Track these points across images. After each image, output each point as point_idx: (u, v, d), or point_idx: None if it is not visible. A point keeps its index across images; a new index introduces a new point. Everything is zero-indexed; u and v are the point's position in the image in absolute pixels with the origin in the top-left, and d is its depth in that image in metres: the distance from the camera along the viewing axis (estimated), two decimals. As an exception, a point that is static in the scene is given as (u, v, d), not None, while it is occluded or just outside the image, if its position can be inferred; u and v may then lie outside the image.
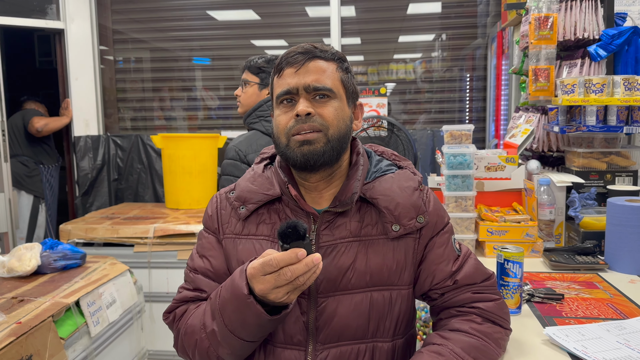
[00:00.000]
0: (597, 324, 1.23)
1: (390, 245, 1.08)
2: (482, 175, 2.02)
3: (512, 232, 1.82)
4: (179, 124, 4.23)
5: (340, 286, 1.06)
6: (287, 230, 0.88)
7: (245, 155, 1.99)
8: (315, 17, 4.01)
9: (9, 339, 1.62)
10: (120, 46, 4.21)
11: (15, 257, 2.21)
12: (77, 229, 3.13)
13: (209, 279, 1.13)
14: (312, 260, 0.87)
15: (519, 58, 2.50)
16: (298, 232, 0.88)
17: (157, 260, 3.04)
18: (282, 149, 1.07)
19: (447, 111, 4.02)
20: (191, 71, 4.19)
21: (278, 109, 1.09)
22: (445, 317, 1.12)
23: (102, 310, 2.18)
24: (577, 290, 1.49)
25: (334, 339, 1.06)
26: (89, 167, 3.95)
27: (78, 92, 3.96)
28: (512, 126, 2.54)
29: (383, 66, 4.04)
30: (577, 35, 2.08)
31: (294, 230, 0.88)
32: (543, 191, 1.90)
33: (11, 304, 1.90)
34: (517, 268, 1.31)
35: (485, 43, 3.88)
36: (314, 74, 1.05)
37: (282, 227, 0.88)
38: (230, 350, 1.01)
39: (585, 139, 2.06)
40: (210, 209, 1.19)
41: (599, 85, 1.89)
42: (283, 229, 0.88)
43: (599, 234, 1.78)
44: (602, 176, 1.99)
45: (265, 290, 0.90)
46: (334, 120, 1.05)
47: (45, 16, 3.88)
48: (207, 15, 4.08)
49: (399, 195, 1.09)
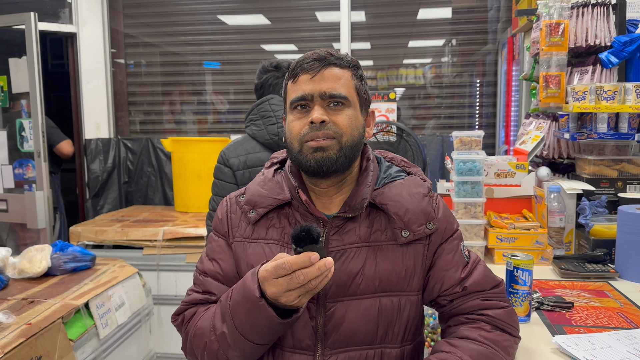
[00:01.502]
0: (607, 333, 1.22)
1: (400, 251, 1.08)
2: (491, 181, 2.01)
3: (522, 239, 1.81)
4: (189, 127, 4.26)
5: (349, 291, 1.06)
6: (301, 233, 0.88)
7: (228, 159, 2.01)
8: (326, 22, 4.02)
9: (19, 339, 1.64)
10: (131, 50, 4.25)
11: (26, 258, 2.23)
12: (87, 231, 3.16)
13: (219, 282, 1.13)
14: (324, 264, 0.88)
15: (530, 64, 2.49)
16: (312, 236, 0.88)
17: (166, 263, 3.05)
18: (295, 155, 1.07)
19: (456, 117, 4.01)
20: (201, 75, 4.21)
21: (291, 115, 1.09)
22: (454, 325, 1.12)
23: (111, 312, 2.19)
24: (587, 298, 1.48)
25: (342, 344, 1.06)
26: (99, 169, 3.98)
27: (89, 95, 3.99)
28: (522, 133, 2.53)
29: (392, 71, 4.04)
30: (588, 41, 2.07)
31: (308, 233, 0.88)
32: (553, 198, 1.89)
33: (22, 305, 1.91)
34: (527, 276, 1.30)
35: (496, 49, 3.87)
36: (330, 82, 1.06)
37: (295, 230, 0.89)
38: (240, 353, 1.01)
39: (596, 146, 2.05)
40: (220, 212, 1.19)
41: (611, 92, 1.88)
42: (297, 232, 0.89)
43: (610, 242, 1.77)
44: (613, 184, 1.97)
45: (278, 293, 0.90)
46: (347, 128, 1.06)
47: (58, 20, 3.92)
48: (218, 19, 4.10)
49: (408, 201, 1.10)
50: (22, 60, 3.31)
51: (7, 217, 3.45)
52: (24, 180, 3.41)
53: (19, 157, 3.42)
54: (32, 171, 3.37)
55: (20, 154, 3.40)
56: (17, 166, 3.42)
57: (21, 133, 3.36)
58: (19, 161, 3.42)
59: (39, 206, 3.30)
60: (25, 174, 3.41)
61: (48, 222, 3.34)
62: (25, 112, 3.39)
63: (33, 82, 3.22)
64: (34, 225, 3.32)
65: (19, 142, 3.38)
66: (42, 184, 3.28)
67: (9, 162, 3.42)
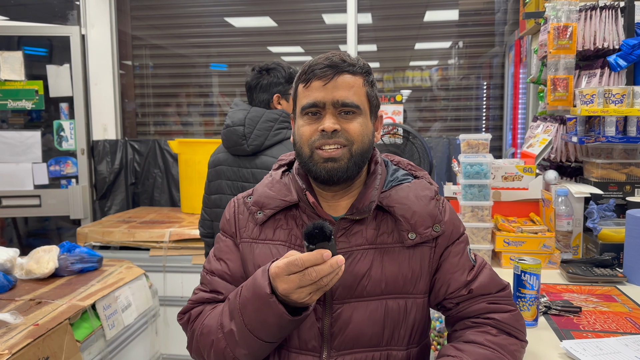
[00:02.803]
0: (615, 338, 1.21)
1: (406, 253, 1.08)
2: (499, 185, 2.00)
3: (529, 243, 1.80)
4: (196, 129, 4.27)
5: (355, 293, 1.06)
6: (314, 230, 0.89)
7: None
8: (332, 24, 4.02)
9: (26, 340, 1.64)
10: (138, 52, 4.26)
11: (34, 259, 2.24)
12: (94, 232, 3.17)
13: (226, 282, 1.14)
14: (336, 261, 0.89)
15: (537, 67, 2.48)
16: (324, 233, 0.89)
17: (172, 264, 3.06)
18: (305, 161, 1.08)
19: (463, 119, 4.00)
20: (208, 77, 4.22)
21: (302, 119, 1.09)
22: (460, 329, 1.12)
23: (118, 313, 2.20)
24: (595, 303, 1.47)
25: (348, 345, 1.06)
26: (106, 171, 4.00)
27: (97, 96, 4.01)
28: (529, 136, 2.51)
29: (399, 73, 4.04)
30: (596, 45, 2.06)
31: (321, 231, 0.89)
32: (561, 202, 1.88)
33: (29, 306, 1.92)
34: (534, 280, 1.30)
35: (503, 51, 3.86)
36: (342, 90, 1.06)
37: (308, 227, 0.89)
38: (248, 351, 1.01)
39: (604, 150, 2.04)
40: (228, 212, 1.20)
41: (619, 95, 1.87)
42: (310, 229, 0.89)
43: (618, 246, 1.76)
44: (621, 187, 1.96)
45: (289, 290, 0.91)
46: (359, 136, 1.06)
47: (66, 22, 3.95)
48: (225, 22, 4.11)
49: (415, 204, 1.10)
50: (63, 68, 3.76)
51: (39, 211, 3.79)
52: (61, 176, 3.82)
53: (54, 156, 3.81)
54: (71, 167, 3.82)
55: (57, 152, 3.80)
56: (52, 163, 3.79)
57: (59, 133, 3.78)
58: (56, 159, 3.81)
59: (85, 198, 3.84)
60: (63, 171, 3.82)
61: (90, 213, 3.87)
62: (64, 114, 3.81)
63: (78, 87, 3.78)
64: (77, 215, 3.80)
65: (56, 141, 3.78)
66: (85, 179, 3.83)
67: (42, 161, 3.75)
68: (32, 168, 3.74)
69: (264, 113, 2.03)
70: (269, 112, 2.04)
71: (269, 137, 2.01)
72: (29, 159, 3.74)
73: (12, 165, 3.69)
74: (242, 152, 2.03)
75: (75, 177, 3.86)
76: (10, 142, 3.69)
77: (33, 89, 3.69)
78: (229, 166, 2.09)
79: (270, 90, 2.09)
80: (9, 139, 3.69)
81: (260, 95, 2.10)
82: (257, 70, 2.12)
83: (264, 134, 2.01)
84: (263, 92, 2.09)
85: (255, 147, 2.00)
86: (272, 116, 2.03)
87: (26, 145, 3.72)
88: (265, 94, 2.10)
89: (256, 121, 2.02)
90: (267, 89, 2.09)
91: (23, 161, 3.72)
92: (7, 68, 3.60)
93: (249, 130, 2.00)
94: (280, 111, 2.06)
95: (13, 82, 3.65)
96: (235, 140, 2.02)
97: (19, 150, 3.71)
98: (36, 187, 3.76)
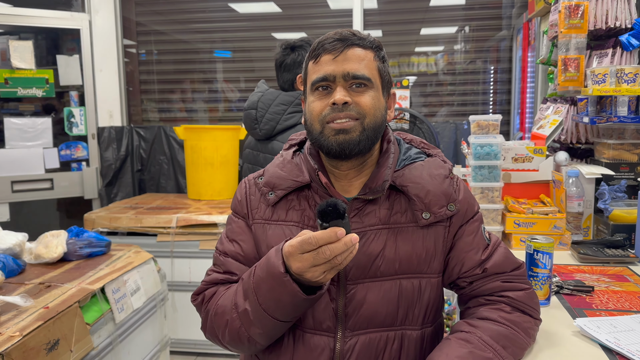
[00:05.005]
0: (629, 316, 1.21)
1: (420, 233, 1.07)
2: (509, 166, 1.99)
3: (540, 224, 1.79)
4: (200, 116, 4.26)
5: (369, 273, 1.06)
6: (327, 208, 0.87)
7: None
8: (337, 9, 3.99)
9: (36, 323, 1.65)
10: (143, 38, 4.24)
11: (42, 244, 2.25)
12: (101, 219, 3.18)
13: (239, 263, 1.13)
14: (350, 239, 0.87)
15: (547, 48, 2.45)
16: (338, 211, 0.87)
17: (180, 249, 3.06)
18: (316, 136, 1.06)
19: (470, 104, 3.97)
20: (212, 63, 4.20)
21: (312, 95, 1.07)
22: (474, 306, 1.11)
23: (127, 297, 2.21)
24: (607, 283, 1.46)
25: (363, 325, 1.05)
26: (112, 157, 4.00)
27: (102, 83, 4.00)
28: (539, 117, 2.49)
29: (404, 59, 4.00)
30: (608, 24, 2.03)
31: (334, 208, 0.87)
32: (571, 183, 1.86)
33: (39, 289, 1.93)
34: (547, 259, 1.29)
35: (511, 35, 3.82)
36: (353, 62, 1.04)
37: (321, 205, 0.88)
38: (263, 330, 1.01)
39: (616, 130, 2.02)
40: (239, 193, 1.19)
41: (632, 74, 1.85)
42: (323, 207, 0.87)
43: (629, 227, 1.74)
44: (632, 168, 1.94)
45: (303, 269, 0.90)
46: (370, 109, 1.04)
47: (71, 8, 3.93)
48: (229, 7, 4.08)
49: (429, 183, 1.08)
50: (73, 58, 3.88)
51: (51, 194, 3.88)
52: (72, 159, 3.95)
53: (64, 141, 3.90)
54: (81, 151, 3.97)
55: (67, 138, 3.92)
56: (63, 148, 3.90)
57: (70, 119, 3.90)
58: (67, 143, 3.92)
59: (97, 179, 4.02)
60: (73, 154, 3.95)
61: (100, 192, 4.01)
62: (74, 101, 3.94)
63: (89, 77, 3.92)
64: (91, 195, 3.97)
65: (67, 127, 3.90)
66: (95, 161, 4.01)
67: (53, 145, 3.85)
68: (43, 153, 3.81)
69: (278, 95, 1.93)
70: (284, 94, 1.93)
71: (280, 121, 1.91)
72: (40, 144, 3.81)
73: (24, 150, 3.76)
74: (257, 136, 1.97)
75: (85, 160, 3.98)
76: (22, 128, 3.76)
77: (44, 77, 3.76)
78: (252, 150, 2.02)
79: (294, 70, 1.96)
80: (20, 125, 3.76)
81: (284, 75, 1.98)
82: (283, 48, 1.99)
83: (275, 117, 1.91)
84: (287, 71, 1.97)
85: (267, 131, 1.92)
86: (286, 99, 1.92)
87: (37, 131, 3.79)
88: (288, 74, 1.97)
89: (268, 104, 1.92)
90: (290, 69, 1.96)
91: (34, 146, 3.80)
92: (16, 56, 3.63)
93: (261, 113, 1.92)
94: (297, 93, 1.95)
95: (23, 70, 3.67)
96: (249, 124, 1.95)
97: (30, 136, 3.78)
98: (47, 171, 3.83)
